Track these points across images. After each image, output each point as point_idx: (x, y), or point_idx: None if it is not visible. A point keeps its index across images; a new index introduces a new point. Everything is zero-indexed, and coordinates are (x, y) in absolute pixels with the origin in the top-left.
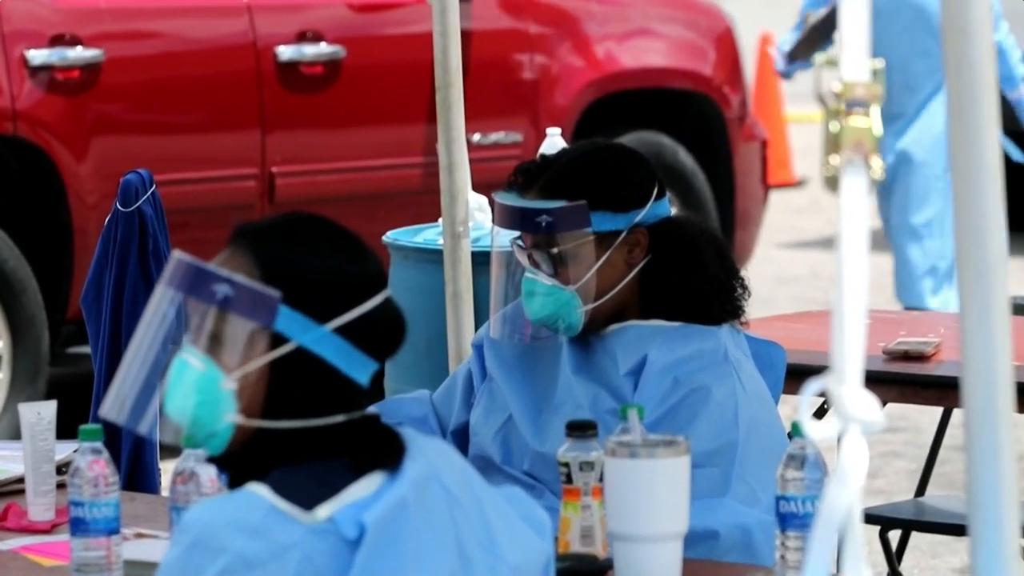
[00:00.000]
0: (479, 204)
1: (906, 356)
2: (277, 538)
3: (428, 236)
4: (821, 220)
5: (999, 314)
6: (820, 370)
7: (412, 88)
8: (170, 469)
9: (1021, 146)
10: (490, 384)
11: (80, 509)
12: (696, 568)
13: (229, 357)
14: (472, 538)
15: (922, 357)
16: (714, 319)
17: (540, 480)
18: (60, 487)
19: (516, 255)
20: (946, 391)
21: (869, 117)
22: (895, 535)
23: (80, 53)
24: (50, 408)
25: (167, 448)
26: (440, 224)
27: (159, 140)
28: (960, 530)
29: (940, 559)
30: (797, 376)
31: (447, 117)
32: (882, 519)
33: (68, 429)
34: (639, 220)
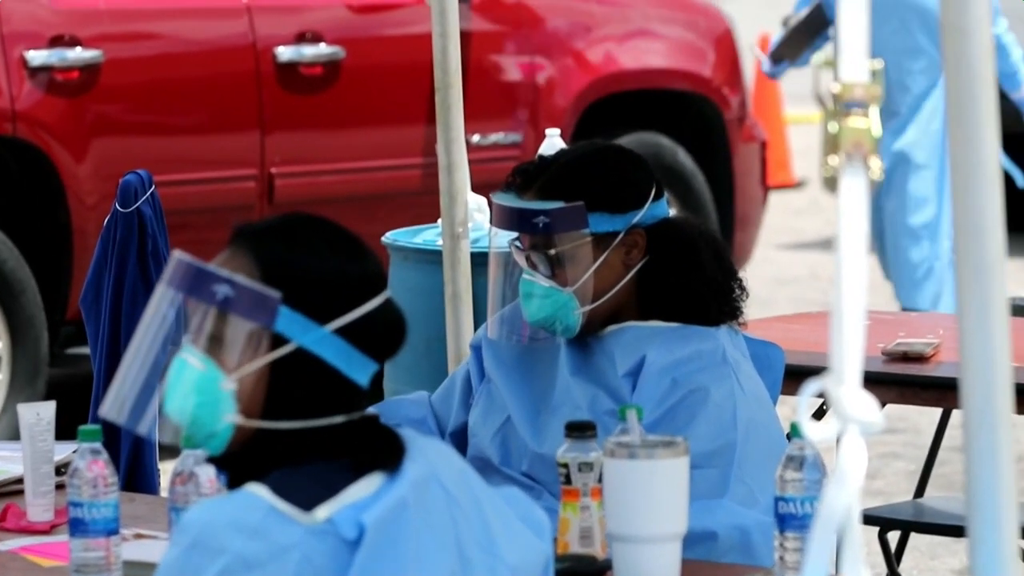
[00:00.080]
0: (478, 205)
1: (905, 357)
2: (276, 539)
3: (427, 237)
4: (820, 221)
5: (998, 315)
6: (819, 371)
7: (411, 89)
8: (169, 470)
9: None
10: (488, 385)
11: (79, 510)
12: (695, 569)
13: (229, 357)
14: (471, 539)
15: (921, 358)
16: (712, 320)
17: (538, 481)
18: (59, 488)
19: (514, 256)
20: (945, 392)
21: (868, 118)
22: (894, 536)
23: (79, 54)
24: (49, 409)
25: (166, 449)
26: (439, 225)
27: (158, 141)
28: (959, 531)
29: (939, 560)
30: (796, 377)
31: (446, 118)
32: (881, 520)
33: (67, 430)
34: (637, 221)
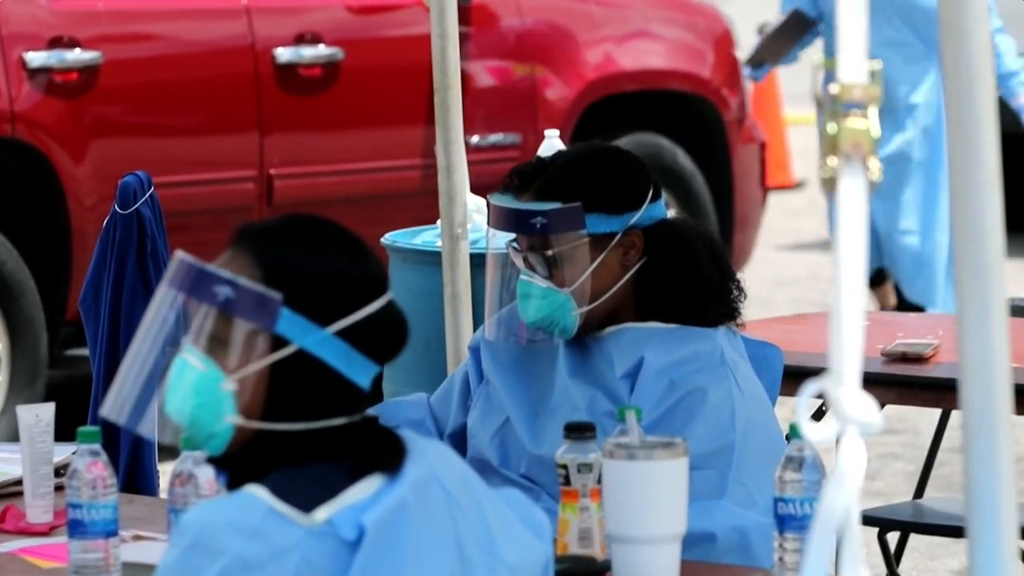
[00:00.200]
0: (477, 206)
1: (904, 358)
2: (276, 540)
3: (426, 238)
4: (820, 222)
5: (997, 315)
6: (819, 372)
7: (410, 90)
8: (168, 471)
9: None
10: (487, 387)
11: (78, 511)
12: (694, 570)
13: (230, 358)
14: (472, 539)
15: (920, 359)
16: (709, 321)
17: (537, 483)
18: (58, 489)
19: (512, 257)
20: (944, 393)
21: (867, 119)
22: (893, 537)
23: (78, 55)
24: (48, 410)
25: (165, 450)
26: (439, 226)
27: (157, 142)
28: (958, 532)
29: (938, 561)
30: (796, 378)
31: (445, 119)
32: (880, 521)
33: (66, 431)
34: (634, 222)
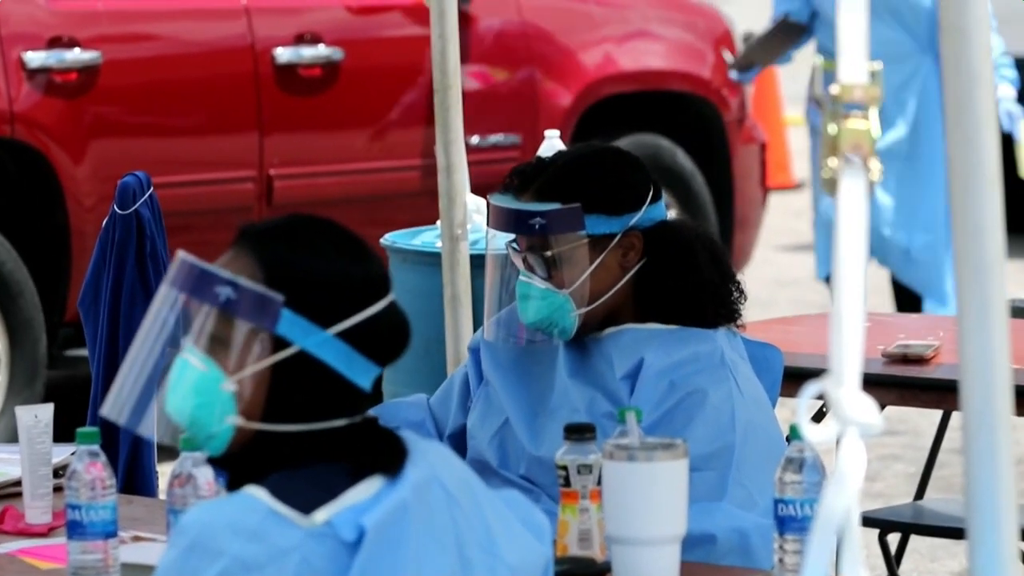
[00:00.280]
0: (477, 206)
1: (905, 359)
2: (275, 541)
3: (426, 238)
4: None
5: (997, 316)
6: (819, 373)
7: (410, 90)
8: (167, 472)
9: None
10: (486, 388)
11: (77, 512)
12: (693, 571)
13: (230, 359)
14: (473, 540)
15: (921, 360)
16: (709, 322)
17: (537, 484)
18: (57, 490)
19: (511, 258)
20: (945, 394)
21: (867, 119)
22: (894, 538)
23: (77, 55)
24: (47, 411)
25: (164, 451)
26: (438, 226)
27: (157, 142)
28: (959, 533)
29: (939, 562)
30: (796, 379)
31: (445, 119)
32: (881, 522)
33: (65, 432)
34: (634, 223)
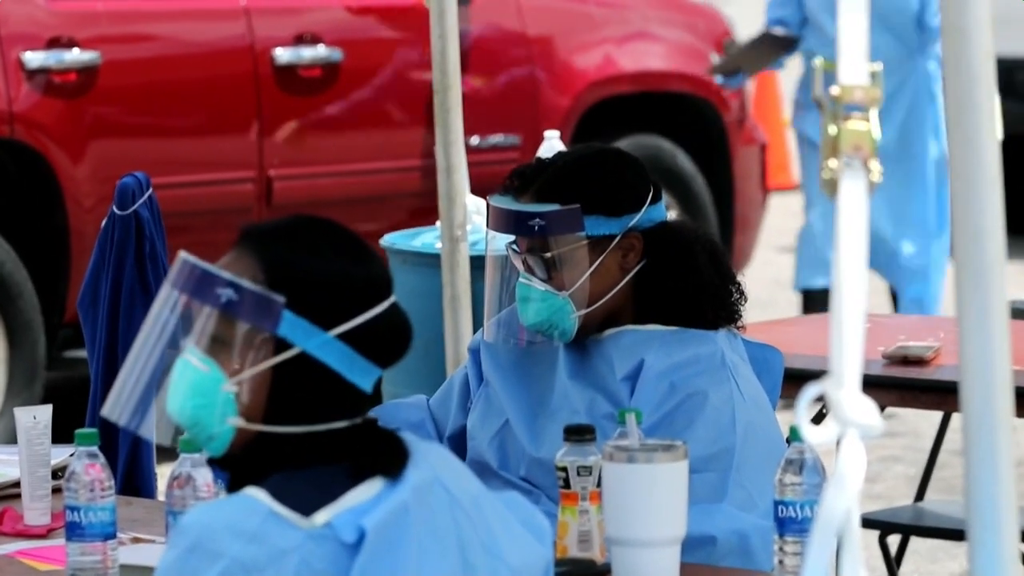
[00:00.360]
0: (477, 207)
1: (905, 360)
2: (275, 543)
3: (426, 239)
4: None
5: (997, 317)
6: (819, 374)
7: (410, 91)
8: (167, 473)
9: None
10: (486, 389)
11: (76, 513)
12: (694, 573)
13: (232, 360)
14: (474, 541)
15: (921, 361)
16: (709, 324)
17: (537, 485)
18: (56, 491)
19: (511, 259)
20: (945, 395)
21: (868, 121)
22: (894, 540)
23: (77, 56)
24: (46, 412)
25: (164, 452)
26: (438, 227)
27: (156, 143)
28: (959, 535)
29: (939, 564)
30: (796, 380)
31: (445, 120)
32: (881, 524)
33: (65, 433)
34: (634, 225)
